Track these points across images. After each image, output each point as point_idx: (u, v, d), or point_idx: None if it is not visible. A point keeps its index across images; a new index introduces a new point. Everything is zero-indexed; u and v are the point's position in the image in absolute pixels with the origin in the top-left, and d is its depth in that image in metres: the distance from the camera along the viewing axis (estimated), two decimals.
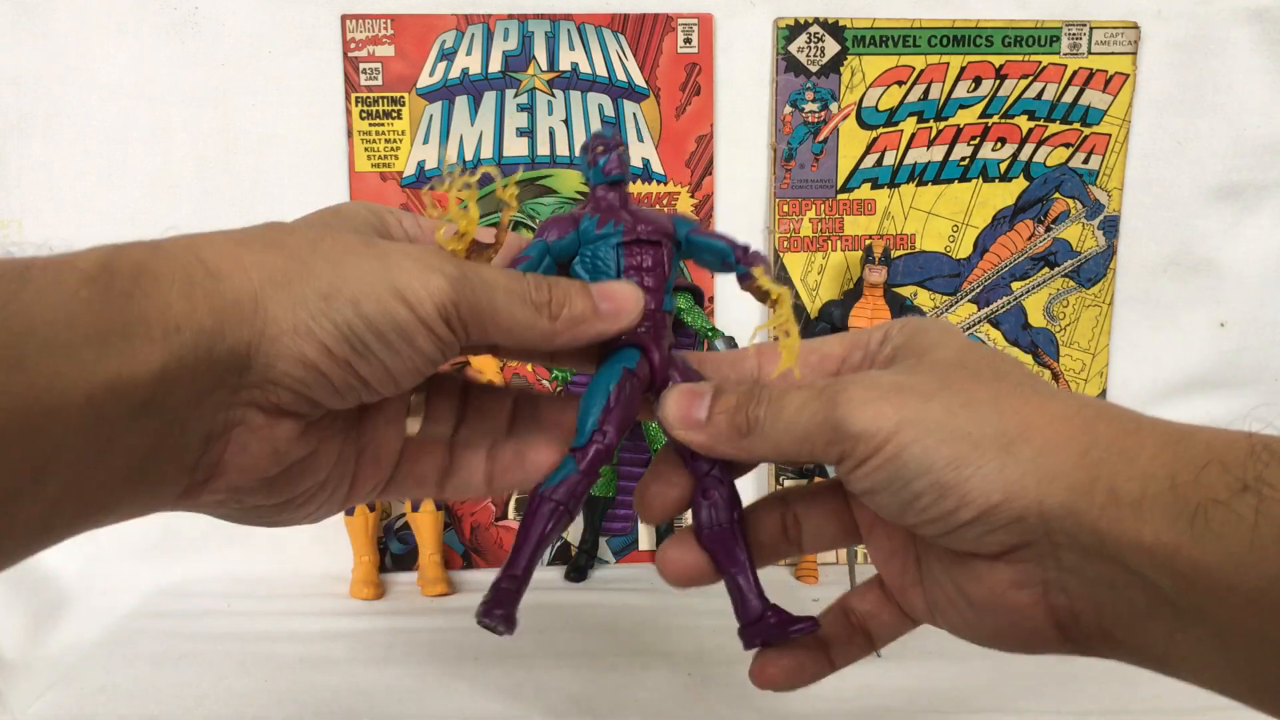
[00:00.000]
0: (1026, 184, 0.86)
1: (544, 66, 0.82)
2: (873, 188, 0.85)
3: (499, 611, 0.35)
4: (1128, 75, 0.85)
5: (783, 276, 0.84)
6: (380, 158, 0.81)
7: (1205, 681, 0.29)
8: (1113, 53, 0.84)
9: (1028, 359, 0.88)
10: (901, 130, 0.84)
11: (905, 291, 0.85)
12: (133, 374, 0.26)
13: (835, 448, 0.31)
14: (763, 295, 0.36)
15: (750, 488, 0.87)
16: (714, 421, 0.34)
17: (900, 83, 0.83)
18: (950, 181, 0.85)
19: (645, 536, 0.84)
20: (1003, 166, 0.85)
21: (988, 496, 0.29)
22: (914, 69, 0.83)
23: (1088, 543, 0.28)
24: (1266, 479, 0.26)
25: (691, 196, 0.84)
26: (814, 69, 0.83)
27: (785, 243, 0.84)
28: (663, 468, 0.37)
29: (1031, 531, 0.29)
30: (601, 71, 0.82)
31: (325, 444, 0.33)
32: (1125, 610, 0.29)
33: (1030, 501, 0.29)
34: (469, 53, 0.81)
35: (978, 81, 0.84)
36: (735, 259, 0.37)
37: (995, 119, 0.85)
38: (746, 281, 0.37)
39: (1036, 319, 0.87)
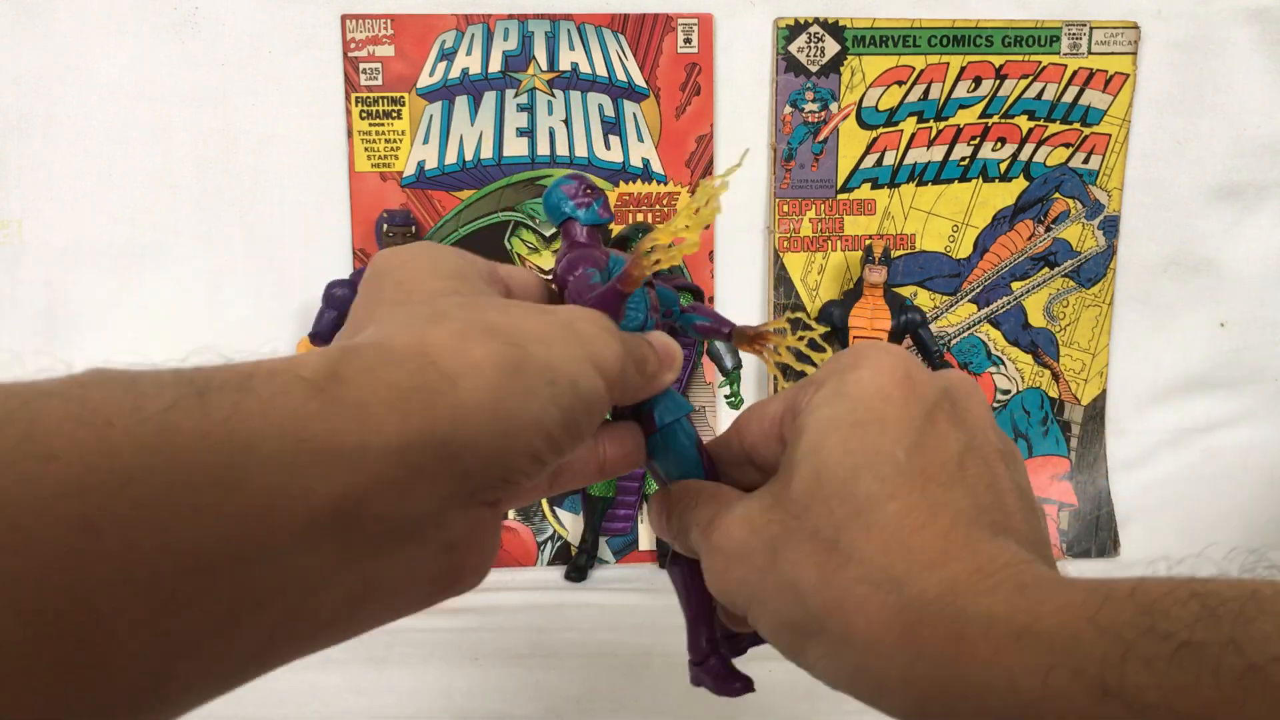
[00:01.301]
0: (1026, 184, 0.86)
1: (544, 66, 0.82)
2: (873, 188, 0.85)
3: (737, 684, 0.38)
4: (1128, 75, 0.85)
5: (782, 276, 0.84)
6: (380, 158, 0.81)
7: None
8: (1113, 53, 0.84)
9: (1028, 359, 0.88)
10: (901, 130, 0.84)
11: (905, 291, 0.85)
12: (364, 490, 0.24)
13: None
14: (754, 337, 0.39)
15: None
16: (670, 535, 0.36)
17: (900, 83, 0.84)
18: (950, 181, 0.85)
19: (645, 536, 0.84)
20: (1003, 166, 0.85)
21: (834, 684, 0.29)
22: (914, 69, 0.83)
23: None
24: (1129, 683, 0.23)
25: (691, 196, 0.84)
26: (814, 69, 0.83)
27: (785, 243, 0.84)
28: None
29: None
30: (601, 71, 0.82)
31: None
32: None
33: (869, 699, 0.28)
34: (469, 53, 0.81)
35: (978, 81, 0.84)
36: (679, 310, 0.39)
37: (995, 119, 0.85)
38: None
39: (1036, 319, 0.87)
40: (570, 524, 0.84)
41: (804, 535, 0.30)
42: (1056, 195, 0.86)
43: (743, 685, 0.37)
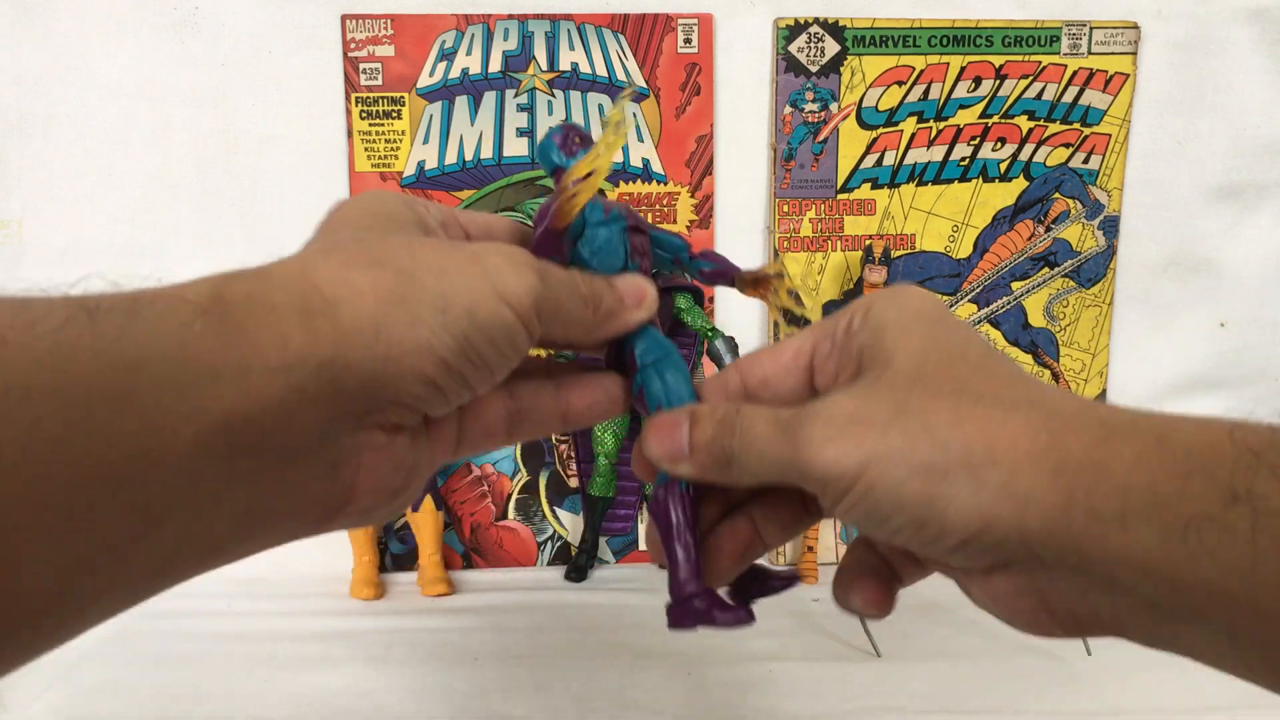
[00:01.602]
0: (1026, 184, 0.86)
1: (544, 66, 0.82)
2: (873, 188, 0.85)
3: (742, 612, 0.34)
4: (1128, 75, 0.85)
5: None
6: (380, 158, 0.81)
7: (1221, 667, 0.28)
8: (1113, 53, 0.84)
9: (1027, 359, 0.88)
10: (901, 130, 0.84)
11: None
12: (249, 408, 0.25)
13: (808, 485, 0.31)
14: (756, 281, 0.38)
15: None
16: (695, 455, 0.34)
17: (900, 83, 0.84)
18: (950, 181, 0.85)
19: (645, 536, 0.84)
20: (1003, 166, 0.85)
21: (966, 525, 0.28)
22: (914, 69, 0.83)
23: (1074, 562, 0.28)
24: (1257, 490, 0.25)
25: (691, 196, 0.84)
26: (814, 69, 0.83)
27: (785, 243, 0.84)
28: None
29: (1016, 552, 0.29)
30: (601, 71, 0.82)
31: (424, 439, 0.33)
32: (1127, 613, 0.28)
33: (1009, 526, 0.28)
34: (469, 53, 0.81)
35: (978, 81, 0.84)
36: (689, 255, 0.39)
37: (995, 119, 0.85)
38: (735, 279, 0.39)
39: (1036, 319, 0.87)
40: (570, 524, 0.84)
41: (926, 391, 0.30)
42: (1056, 195, 0.86)
43: (747, 613, 0.34)
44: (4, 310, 0.22)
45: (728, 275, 0.40)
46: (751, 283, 0.39)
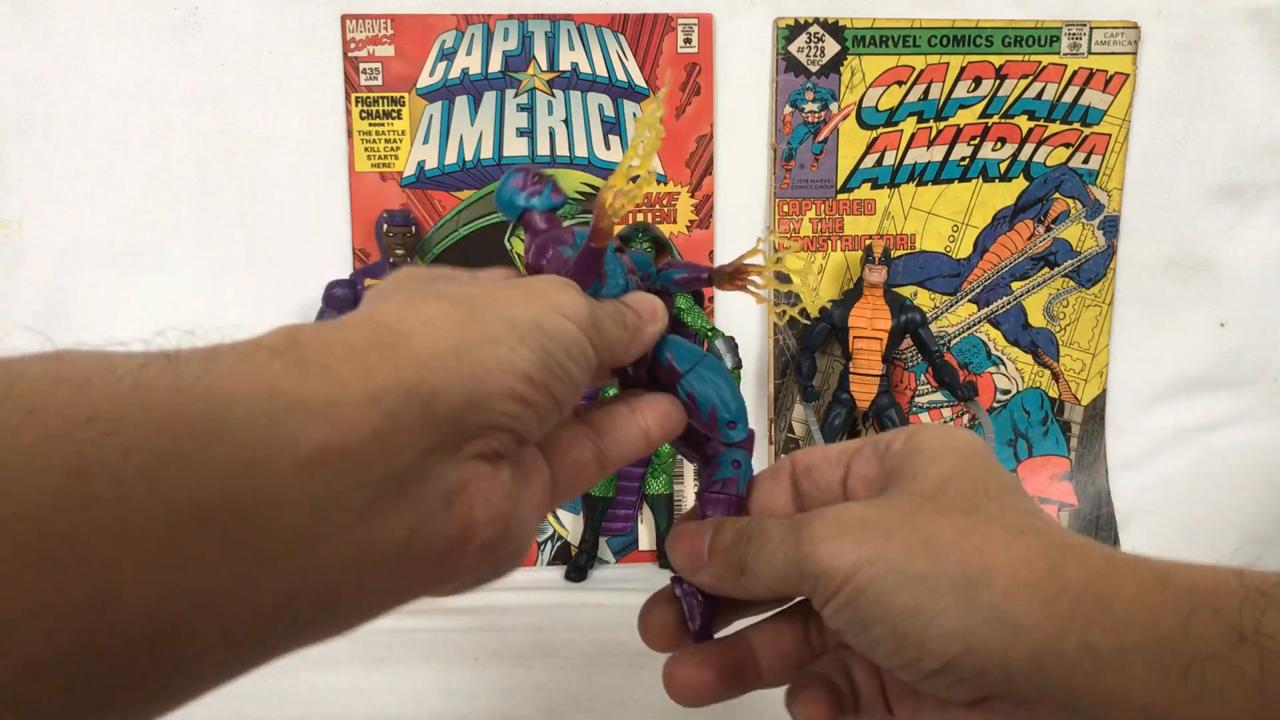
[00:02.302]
0: (1026, 184, 0.86)
1: (544, 66, 0.82)
2: (873, 188, 0.85)
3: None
4: (1128, 75, 0.85)
5: (781, 277, 0.84)
6: (380, 158, 0.81)
7: None
8: (1113, 53, 0.84)
9: (1027, 359, 0.88)
10: (901, 130, 0.84)
11: (905, 291, 0.85)
12: (343, 440, 0.24)
13: (805, 585, 0.31)
14: (734, 274, 0.39)
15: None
16: (714, 561, 0.34)
17: (900, 83, 0.84)
18: (950, 181, 0.85)
19: (645, 536, 0.84)
20: (1003, 166, 0.85)
21: (946, 648, 0.28)
22: (914, 69, 0.83)
23: (1062, 700, 0.27)
24: (1265, 629, 0.24)
25: (691, 196, 0.84)
26: (814, 69, 0.83)
27: (785, 243, 0.84)
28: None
29: (997, 685, 0.28)
30: (601, 71, 0.82)
31: (519, 477, 0.32)
32: None
33: (993, 654, 0.27)
34: (469, 53, 0.81)
35: (978, 81, 0.84)
36: (656, 269, 0.39)
37: (995, 119, 0.85)
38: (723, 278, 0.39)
39: (1036, 319, 0.87)
40: (570, 524, 0.84)
41: (937, 508, 0.30)
42: (1056, 195, 0.86)
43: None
44: (83, 358, 0.22)
45: (700, 278, 0.40)
46: (729, 276, 0.39)
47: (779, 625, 0.37)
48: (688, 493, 0.83)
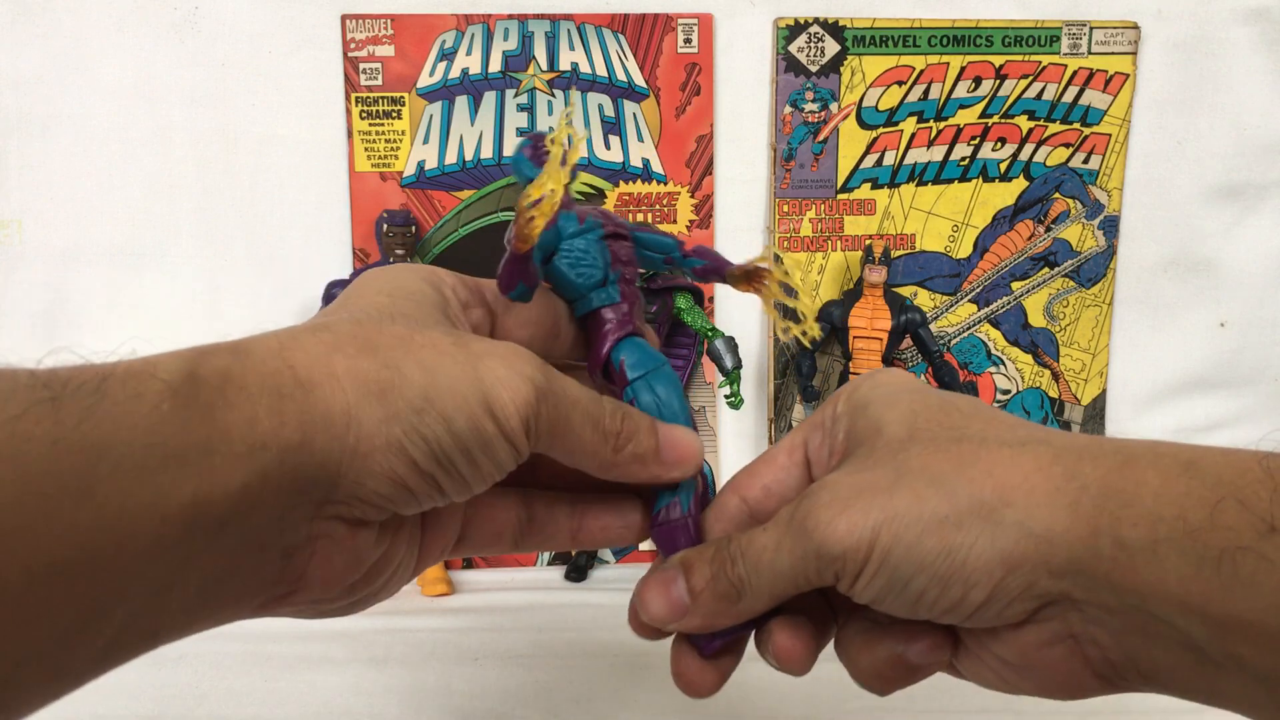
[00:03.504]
0: (1026, 184, 0.86)
1: (544, 66, 0.82)
2: (873, 188, 0.85)
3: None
4: (1128, 75, 0.85)
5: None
6: (380, 158, 0.81)
7: (1261, 718, 0.26)
8: (1113, 53, 0.84)
9: (1027, 359, 0.88)
10: (901, 130, 0.84)
11: (905, 291, 0.85)
12: (211, 494, 0.24)
13: (828, 572, 0.30)
14: (748, 275, 0.37)
15: None
16: (699, 602, 0.32)
17: (900, 83, 0.83)
18: (950, 181, 0.85)
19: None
20: (1003, 166, 0.85)
21: (990, 572, 0.27)
22: (914, 69, 0.83)
23: (1107, 597, 0.26)
24: None
25: (691, 196, 0.84)
26: (814, 69, 0.83)
27: (785, 243, 0.84)
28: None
29: (1047, 594, 0.27)
30: (601, 71, 0.82)
31: (397, 535, 0.31)
32: (1163, 657, 0.27)
33: (1035, 567, 0.27)
34: (469, 53, 0.81)
35: (978, 81, 0.84)
36: (680, 254, 0.38)
37: (995, 119, 0.85)
38: (727, 274, 0.37)
39: (1036, 319, 0.87)
40: None
41: (922, 447, 0.29)
42: (1056, 195, 0.86)
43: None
44: None
45: (719, 271, 0.39)
46: (743, 277, 0.38)
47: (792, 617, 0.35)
48: None
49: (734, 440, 0.86)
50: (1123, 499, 0.26)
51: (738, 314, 0.84)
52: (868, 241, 0.83)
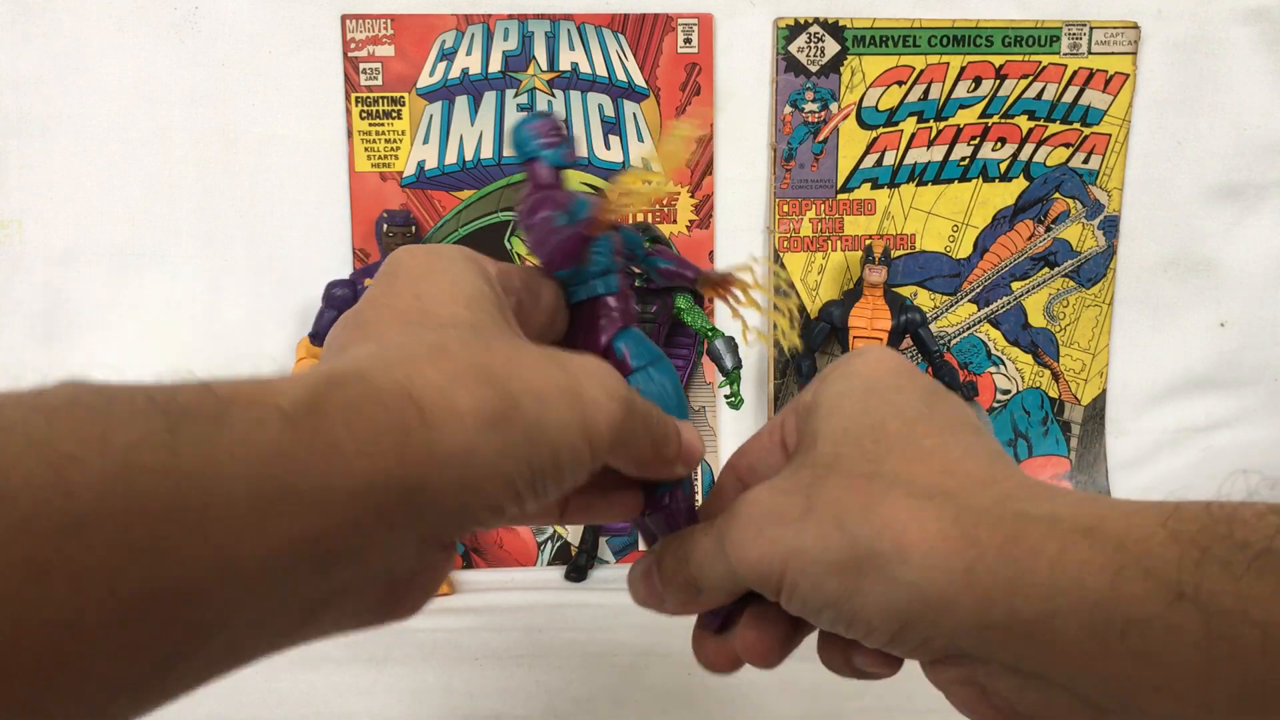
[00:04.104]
0: (1026, 184, 0.86)
1: (544, 66, 0.82)
2: (873, 188, 0.85)
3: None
4: (1128, 75, 0.85)
5: (781, 277, 0.84)
6: (380, 158, 0.81)
7: None
8: (1113, 53, 0.84)
9: (1027, 359, 0.88)
10: (901, 130, 0.84)
11: (905, 291, 0.85)
12: (323, 529, 0.23)
13: (752, 587, 0.31)
14: (718, 282, 0.37)
15: None
16: (669, 591, 0.33)
17: (900, 83, 0.84)
18: (950, 181, 0.85)
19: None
20: (1003, 166, 0.85)
21: (887, 624, 0.28)
22: (914, 69, 0.83)
23: (1004, 658, 0.26)
24: (1206, 587, 0.23)
25: (691, 196, 0.84)
26: (814, 69, 0.83)
27: (785, 243, 0.84)
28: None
29: (944, 649, 0.28)
30: (601, 71, 0.82)
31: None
32: (1065, 713, 0.26)
33: (929, 625, 0.27)
34: (469, 53, 0.81)
35: (978, 81, 0.84)
36: (644, 252, 0.38)
37: (995, 119, 0.85)
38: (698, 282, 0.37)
39: (1036, 319, 0.87)
40: (570, 524, 0.84)
41: (839, 477, 0.29)
42: (1056, 195, 0.86)
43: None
44: (79, 419, 0.21)
45: (685, 275, 0.38)
46: (714, 283, 0.37)
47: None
48: None
49: (734, 440, 0.86)
50: (1019, 567, 0.25)
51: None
52: (868, 241, 0.83)
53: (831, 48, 0.83)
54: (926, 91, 0.84)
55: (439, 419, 0.26)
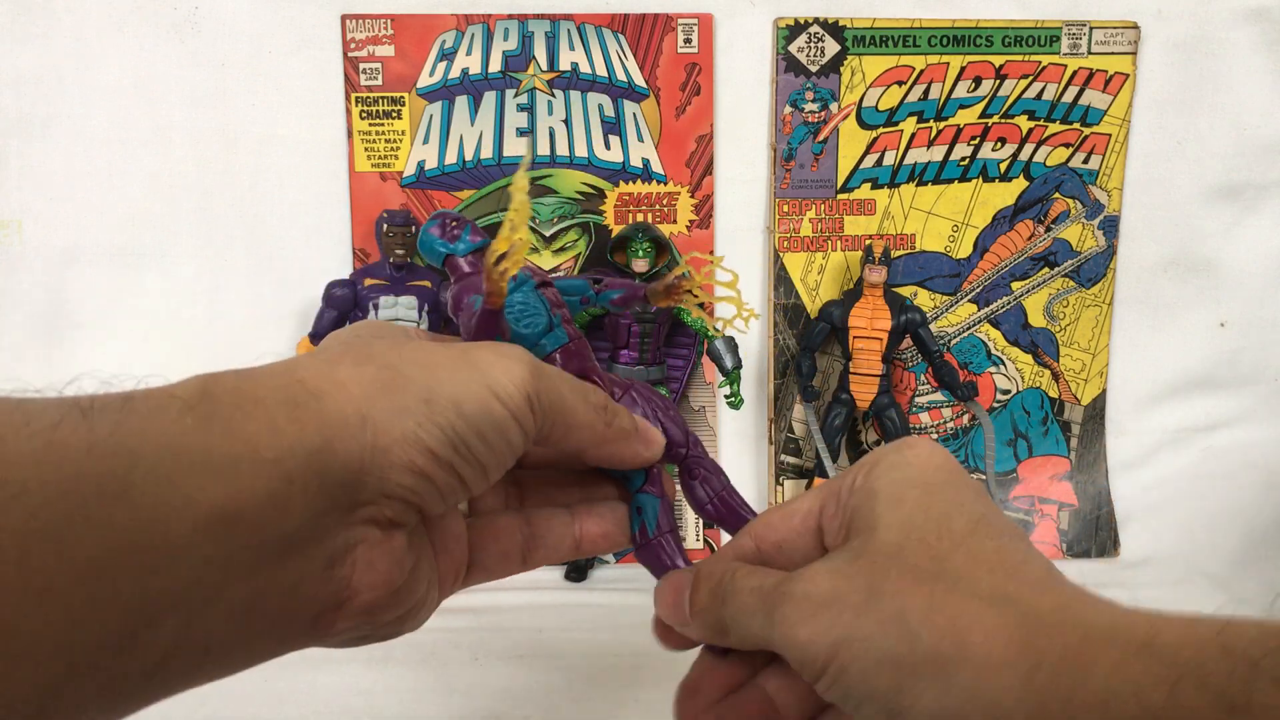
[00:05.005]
0: (1026, 184, 0.86)
1: (544, 66, 0.82)
2: (873, 188, 0.85)
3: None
4: (1128, 75, 0.85)
5: (782, 276, 0.84)
6: (380, 158, 0.81)
7: None
8: (1113, 53, 0.84)
9: (1027, 359, 0.88)
10: (901, 130, 0.84)
11: (905, 291, 0.85)
12: (240, 499, 0.25)
13: (789, 659, 0.31)
14: (667, 290, 0.38)
15: (751, 495, 0.87)
16: (696, 619, 0.34)
17: (900, 83, 0.84)
18: (950, 181, 0.85)
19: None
20: (1003, 166, 0.85)
21: (939, 718, 0.27)
22: (914, 69, 0.83)
23: None
24: (1258, 701, 0.23)
25: (691, 196, 0.84)
26: (814, 69, 0.83)
27: (785, 243, 0.84)
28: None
29: None
30: (601, 71, 0.82)
31: (421, 551, 0.32)
32: None
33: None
34: (469, 53, 0.81)
35: (978, 81, 0.84)
36: (594, 291, 0.40)
37: (995, 119, 0.85)
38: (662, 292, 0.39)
39: (1036, 319, 0.87)
40: None
41: (903, 571, 0.29)
42: (1056, 195, 0.86)
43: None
44: (2, 408, 0.23)
45: (637, 295, 0.40)
46: (663, 293, 0.39)
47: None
48: None
49: (734, 440, 0.86)
50: (1077, 675, 0.26)
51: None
52: (868, 241, 0.83)
53: (831, 48, 0.83)
54: (926, 91, 0.84)
55: (324, 389, 0.28)
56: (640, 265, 0.78)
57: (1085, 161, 0.86)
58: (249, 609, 0.26)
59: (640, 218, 0.83)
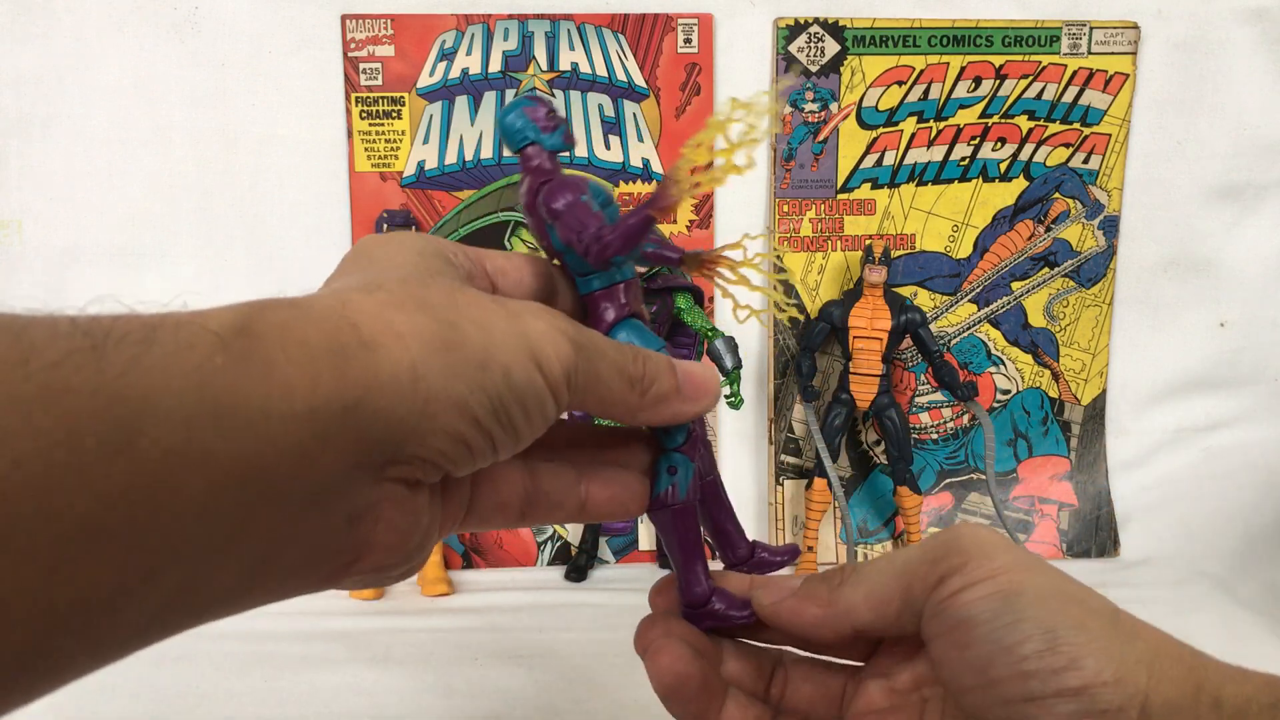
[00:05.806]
0: (1026, 184, 0.86)
1: (544, 66, 0.82)
2: (873, 188, 0.85)
3: (747, 611, 0.35)
4: (1128, 75, 0.85)
5: (777, 269, 0.84)
6: (380, 158, 0.81)
7: None
8: (1113, 53, 0.84)
9: (1027, 359, 0.88)
10: (901, 130, 0.84)
11: (905, 291, 0.85)
12: (265, 454, 0.22)
13: (943, 564, 0.30)
14: (707, 261, 0.36)
15: (751, 495, 0.87)
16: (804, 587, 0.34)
17: (900, 83, 0.84)
18: (950, 181, 0.85)
19: (645, 536, 0.84)
20: (1003, 166, 0.85)
21: (1099, 671, 0.27)
22: (914, 69, 0.83)
23: None
24: None
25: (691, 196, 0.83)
26: (814, 69, 0.83)
27: (785, 243, 0.84)
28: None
29: None
30: (601, 71, 0.82)
31: (431, 499, 0.30)
32: None
33: (1137, 692, 0.27)
34: (469, 53, 0.81)
35: (978, 81, 0.84)
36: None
37: (995, 119, 0.85)
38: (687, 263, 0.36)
39: (1036, 319, 0.87)
40: (571, 524, 0.84)
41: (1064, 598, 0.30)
42: (1056, 195, 0.86)
43: (751, 612, 0.35)
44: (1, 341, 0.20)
45: (668, 257, 0.38)
46: (701, 264, 0.37)
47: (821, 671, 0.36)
48: None
49: (734, 440, 0.86)
50: (1232, 676, 0.28)
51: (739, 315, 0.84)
52: (868, 241, 0.83)
53: (831, 48, 0.83)
54: (926, 91, 0.84)
55: (378, 339, 0.25)
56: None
57: (1085, 161, 0.86)
58: (261, 563, 0.24)
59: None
